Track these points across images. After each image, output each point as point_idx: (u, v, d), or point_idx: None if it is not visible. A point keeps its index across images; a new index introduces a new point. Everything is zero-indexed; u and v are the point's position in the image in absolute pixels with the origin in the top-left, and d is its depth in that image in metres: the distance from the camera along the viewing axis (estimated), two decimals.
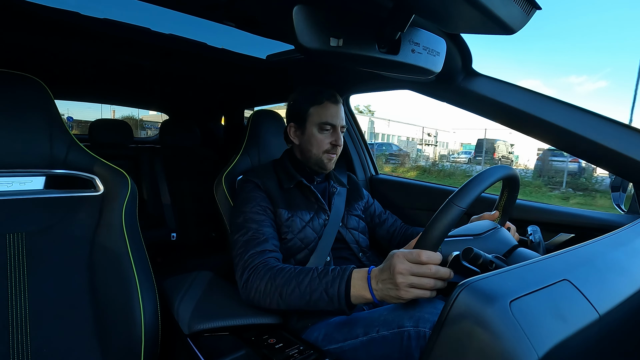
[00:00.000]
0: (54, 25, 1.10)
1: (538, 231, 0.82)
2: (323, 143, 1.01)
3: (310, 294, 0.75)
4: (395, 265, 0.63)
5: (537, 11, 0.54)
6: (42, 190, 0.81)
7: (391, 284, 0.65)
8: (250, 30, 1.08)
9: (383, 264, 0.69)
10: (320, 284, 0.75)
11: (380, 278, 0.68)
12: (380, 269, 0.68)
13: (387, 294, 0.66)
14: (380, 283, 0.68)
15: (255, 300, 0.81)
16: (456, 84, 0.98)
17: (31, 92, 0.80)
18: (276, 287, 0.79)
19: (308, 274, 0.78)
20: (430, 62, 0.63)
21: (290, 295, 0.77)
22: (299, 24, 0.48)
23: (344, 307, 0.73)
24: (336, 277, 0.74)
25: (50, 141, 0.82)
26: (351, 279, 0.73)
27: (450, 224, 0.62)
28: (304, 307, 0.77)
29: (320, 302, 0.74)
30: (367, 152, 1.71)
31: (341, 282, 0.73)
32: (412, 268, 0.62)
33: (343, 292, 0.72)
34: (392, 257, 0.66)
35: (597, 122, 0.82)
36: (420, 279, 0.62)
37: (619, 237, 0.59)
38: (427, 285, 0.62)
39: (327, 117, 1.00)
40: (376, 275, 0.69)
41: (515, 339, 0.33)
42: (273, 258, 0.86)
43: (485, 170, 0.69)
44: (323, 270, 0.78)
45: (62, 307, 0.77)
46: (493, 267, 0.65)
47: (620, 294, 0.47)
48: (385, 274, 0.66)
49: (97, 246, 0.82)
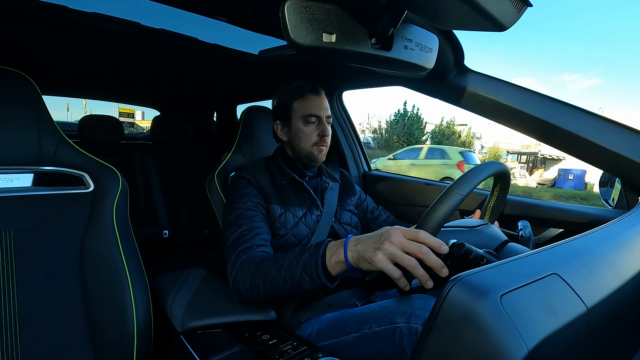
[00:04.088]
0: (41, 19, 1.08)
1: (528, 226, 0.84)
2: (311, 136, 1.01)
3: (291, 277, 0.73)
4: (391, 235, 0.60)
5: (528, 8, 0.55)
6: (30, 187, 0.79)
7: (373, 247, 0.61)
8: (242, 26, 1.07)
9: (375, 232, 0.65)
10: (298, 265, 0.72)
11: (362, 240, 0.65)
12: (367, 235, 0.65)
13: (362, 256, 0.63)
14: (359, 245, 0.64)
15: (245, 296, 0.81)
16: (448, 81, 0.99)
17: (18, 87, 0.78)
18: (260, 278, 0.77)
19: (286, 258, 0.76)
20: (422, 59, 0.64)
21: (274, 283, 0.75)
22: (291, 20, 0.48)
23: (324, 281, 0.69)
24: (312, 253, 0.72)
25: (39, 137, 0.80)
26: (326, 249, 0.70)
27: (450, 210, 0.63)
28: (290, 292, 0.74)
29: (302, 283, 0.72)
30: (360, 148, 1.71)
31: (317, 257, 0.70)
32: (405, 243, 0.59)
33: (320, 266, 0.69)
34: (389, 228, 0.62)
35: (585, 119, 0.83)
36: (404, 256, 0.58)
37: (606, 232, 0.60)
38: (407, 263, 0.58)
39: (310, 109, 1.00)
40: (357, 239, 0.66)
41: (505, 332, 0.34)
42: (260, 252, 0.86)
43: (483, 163, 0.72)
44: (300, 251, 0.75)
45: (52, 306, 0.76)
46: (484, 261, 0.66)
47: (608, 287, 0.48)
48: (372, 238, 0.63)
49: (88, 244, 0.81)
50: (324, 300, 0.95)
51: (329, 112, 1.03)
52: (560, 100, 0.86)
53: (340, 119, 1.69)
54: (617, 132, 0.80)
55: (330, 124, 1.04)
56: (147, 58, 1.52)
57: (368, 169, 1.71)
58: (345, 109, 1.71)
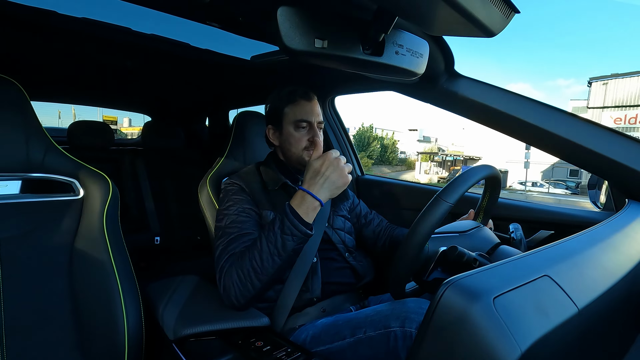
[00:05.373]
0: (30, 24, 1.06)
1: (519, 229, 0.85)
2: (301, 141, 1.01)
3: (275, 247, 0.80)
4: (332, 162, 0.82)
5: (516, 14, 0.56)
6: (18, 195, 0.78)
7: (340, 176, 0.82)
8: (235, 31, 1.07)
9: (308, 171, 0.84)
10: (275, 233, 0.81)
11: (319, 182, 0.82)
12: (310, 173, 0.84)
13: (332, 187, 0.83)
14: (326, 185, 0.82)
15: (238, 298, 0.80)
16: (439, 86, 1.00)
17: (5, 93, 0.77)
18: (248, 269, 0.81)
19: (262, 237, 0.83)
20: (413, 64, 0.64)
21: (262, 264, 0.80)
22: (284, 25, 0.48)
23: (305, 230, 0.81)
24: (282, 218, 0.82)
25: (27, 144, 0.79)
26: (293, 207, 0.82)
27: (438, 220, 0.63)
28: (280, 263, 0.81)
29: (286, 244, 0.80)
30: (353, 153, 1.72)
31: (287, 215, 0.81)
32: (327, 157, 0.83)
33: (295, 219, 0.80)
34: (308, 166, 0.84)
35: (573, 122, 0.85)
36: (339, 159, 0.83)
37: (596, 233, 0.61)
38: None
39: (301, 114, 1.00)
40: (312, 183, 0.82)
41: (499, 335, 0.34)
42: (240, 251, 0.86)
43: (471, 168, 0.72)
44: (269, 225, 0.84)
45: (40, 316, 0.74)
46: (477, 264, 0.67)
47: (598, 288, 0.48)
48: (317, 177, 0.82)
49: (78, 252, 0.80)
50: (317, 305, 0.94)
51: (320, 118, 1.03)
52: (549, 105, 0.88)
53: (333, 123, 1.70)
54: (605, 136, 0.82)
55: (322, 129, 1.04)
56: (138, 63, 1.51)
57: (361, 173, 1.72)
58: (338, 113, 1.72)
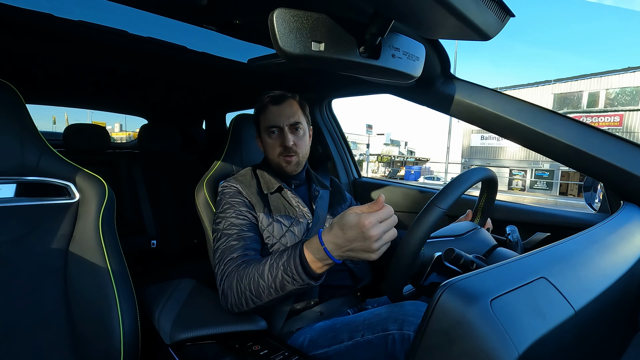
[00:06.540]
0: (26, 27, 1.06)
1: (516, 231, 0.85)
2: (274, 147, 1.00)
3: (273, 280, 0.73)
4: (369, 231, 0.61)
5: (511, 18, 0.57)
6: (12, 198, 0.77)
7: (364, 250, 0.63)
8: (231, 35, 1.07)
9: (338, 224, 0.65)
10: (278, 267, 0.72)
11: (343, 245, 0.64)
12: (345, 235, 0.63)
13: (354, 257, 0.65)
14: (348, 251, 0.64)
15: (234, 306, 0.80)
16: (435, 88, 1.01)
17: (1, 96, 0.77)
18: (245, 286, 0.77)
19: (266, 262, 0.75)
20: (410, 67, 0.65)
21: (258, 289, 0.75)
22: (280, 29, 0.48)
23: (307, 280, 0.70)
24: (290, 255, 0.71)
25: (22, 147, 0.78)
26: (304, 251, 0.70)
27: (431, 225, 0.63)
28: (275, 295, 0.74)
29: (285, 284, 0.72)
30: (350, 156, 1.72)
31: (295, 257, 0.70)
32: (382, 228, 0.62)
33: (300, 266, 0.69)
34: (356, 223, 0.62)
35: (568, 125, 0.85)
36: (389, 238, 0.63)
37: (591, 235, 0.61)
38: (392, 239, 0.64)
39: (270, 120, 0.99)
40: (335, 243, 0.65)
41: (496, 337, 0.34)
42: (246, 262, 0.84)
43: (463, 172, 0.72)
44: (278, 253, 0.75)
45: (35, 321, 0.73)
46: (474, 267, 0.67)
47: (594, 289, 0.48)
48: (356, 241, 0.62)
49: (73, 256, 0.79)
50: (315, 308, 0.94)
51: (293, 120, 0.99)
52: (546, 108, 0.89)
53: (330, 126, 1.70)
54: (600, 138, 0.82)
55: (304, 129, 1.02)
56: (134, 66, 1.51)
57: (358, 175, 1.72)
58: (335, 116, 1.72)
